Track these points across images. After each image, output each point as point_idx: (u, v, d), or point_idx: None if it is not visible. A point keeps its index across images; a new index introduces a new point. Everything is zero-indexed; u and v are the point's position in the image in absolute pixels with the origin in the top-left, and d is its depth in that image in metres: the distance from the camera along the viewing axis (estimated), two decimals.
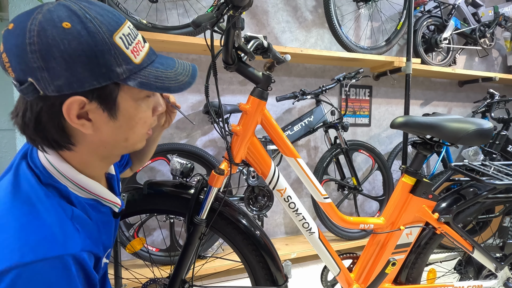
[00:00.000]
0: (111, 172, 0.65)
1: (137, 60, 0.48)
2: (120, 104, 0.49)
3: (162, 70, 0.51)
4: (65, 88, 0.43)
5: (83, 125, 0.47)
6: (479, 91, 2.83)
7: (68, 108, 0.44)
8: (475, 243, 1.04)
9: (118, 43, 0.45)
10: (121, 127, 0.51)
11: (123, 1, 1.61)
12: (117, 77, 0.46)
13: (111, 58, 0.44)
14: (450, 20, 2.36)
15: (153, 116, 0.58)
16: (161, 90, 0.50)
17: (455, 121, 0.93)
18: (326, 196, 0.92)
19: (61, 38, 0.41)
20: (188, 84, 0.53)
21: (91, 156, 0.52)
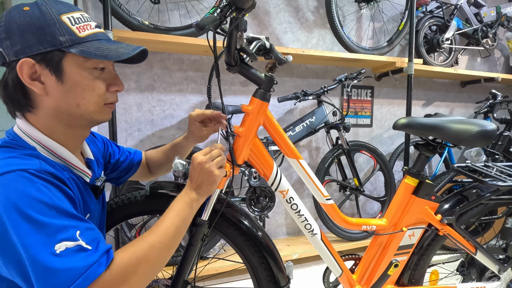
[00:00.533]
0: (90, 157, 0.73)
1: (81, 34, 0.58)
2: (65, 68, 0.57)
3: (105, 44, 0.60)
4: (20, 52, 0.55)
5: (35, 85, 0.56)
6: (481, 91, 2.82)
7: (20, 68, 0.55)
8: (478, 244, 1.03)
9: (64, 20, 0.57)
10: (69, 91, 0.58)
11: (125, 2, 1.62)
12: (60, 44, 0.56)
13: (55, 29, 0.55)
14: (452, 20, 2.36)
15: (109, 92, 0.64)
16: (99, 57, 0.57)
17: (458, 122, 0.93)
18: (329, 197, 0.92)
19: (19, 16, 0.55)
20: (126, 54, 0.60)
21: (53, 121, 0.60)
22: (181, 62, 1.82)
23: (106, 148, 0.86)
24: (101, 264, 0.50)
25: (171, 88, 1.81)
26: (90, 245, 0.51)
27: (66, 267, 0.47)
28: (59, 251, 0.47)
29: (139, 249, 0.57)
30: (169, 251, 0.62)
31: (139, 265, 0.55)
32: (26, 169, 0.51)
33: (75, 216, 0.52)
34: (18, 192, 0.48)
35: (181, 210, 0.66)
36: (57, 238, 0.48)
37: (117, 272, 0.52)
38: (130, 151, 0.93)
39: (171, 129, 1.83)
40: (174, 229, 0.63)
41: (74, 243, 0.49)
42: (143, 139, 1.78)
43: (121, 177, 0.92)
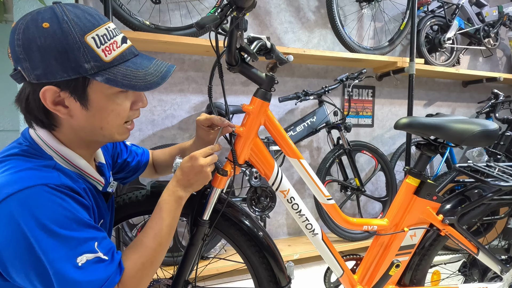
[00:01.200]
0: (101, 161, 0.73)
1: (107, 59, 0.54)
2: (90, 96, 0.55)
3: (132, 69, 0.56)
4: (42, 77, 0.52)
5: (59, 111, 0.55)
6: (483, 91, 2.81)
7: (44, 95, 0.52)
8: (480, 245, 1.03)
9: (89, 42, 0.52)
10: (94, 116, 0.57)
11: (126, 2, 1.62)
12: (85, 71, 0.52)
13: (80, 55, 0.51)
14: (453, 20, 2.35)
15: (132, 110, 0.63)
16: (126, 87, 0.55)
17: (460, 122, 0.93)
18: (330, 197, 0.91)
19: (39, 35, 0.50)
20: (156, 84, 0.58)
21: (74, 137, 0.60)
22: (182, 62, 1.82)
23: (114, 147, 0.86)
24: (117, 274, 0.54)
25: (172, 88, 1.81)
26: (107, 256, 0.54)
27: (88, 279, 0.50)
28: (81, 263, 0.50)
29: (143, 256, 0.60)
30: (165, 249, 0.65)
31: (145, 269, 0.59)
32: (47, 184, 0.51)
33: (92, 227, 0.54)
34: (41, 207, 0.49)
35: (172, 210, 0.67)
36: (78, 251, 0.50)
37: (129, 279, 0.56)
38: (137, 151, 0.93)
39: (172, 129, 1.83)
40: (168, 229, 0.65)
41: (94, 255, 0.52)
42: (144, 139, 1.78)
43: (128, 177, 0.92)
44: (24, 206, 0.48)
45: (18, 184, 0.49)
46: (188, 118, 1.86)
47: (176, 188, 0.68)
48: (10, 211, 0.48)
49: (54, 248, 0.48)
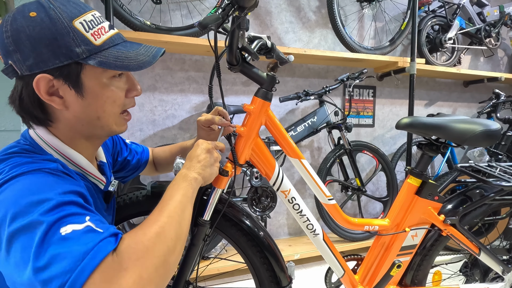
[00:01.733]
0: (103, 160, 0.71)
1: (97, 42, 0.53)
2: (84, 82, 0.54)
3: (123, 51, 0.56)
4: (34, 67, 0.50)
5: (54, 101, 0.53)
6: (484, 91, 2.80)
7: (37, 84, 0.51)
8: (482, 245, 1.02)
9: (78, 27, 0.52)
10: (90, 105, 0.56)
11: (127, 3, 1.62)
12: (76, 56, 0.51)
13: (70, 40, 0.51)
14: (455, 19, 2.34)
15: (127, 98, 0.62)
16: (120, 68, 0.54)
17: (461, 122, 0.92)
18: (331, 198, 0.91)
19: (27, 25, 0.49)
20: (148, 63, 0.57)
21: (72, 132, 0.58)
22: (183, 62, 1.82)
23: (114, 145, 0.86)
24: (110, 242, 0.44)
25: (173, 88, 1.81)
26: (101, 229, 0.46)
27: (69, 250, 0.42)
28: (65, 233, 0.42)
29: (146, 229, 0.49)
30: (177, 224, 0.53)
31: (149, 241, 0.47)
32: (41, 168, 0.49)
33: (85, 207, 0.49)
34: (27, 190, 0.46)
35: (180, 188, 0.58)
36: (65, 222, 0.43)
37: (127, 249, 0.45)
38: (137, 150, 0.93)
39: (173, 129, 1.83)
40: (178, 204, 0.55)
41: (83, 225, 0.44)
42: (145, 139, 1.78)
43: (128, 175, 0.92)
44: (11, 192, 0.45)
45: (13, 173, 0.48)
46: (189, 118, 1.86)
47: (183, 171, 0.63)
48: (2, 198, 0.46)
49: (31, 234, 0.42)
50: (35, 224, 0.42)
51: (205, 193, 0.81)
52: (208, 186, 0.82)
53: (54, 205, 0.44)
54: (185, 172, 0.63)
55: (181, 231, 0.53)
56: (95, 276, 0.41)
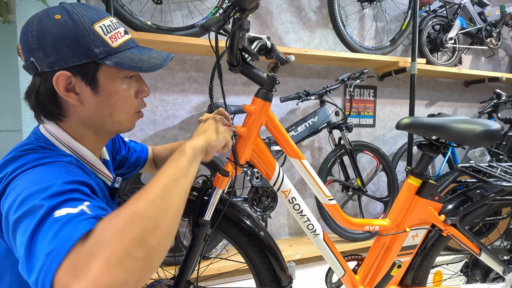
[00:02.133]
0: (106, 158, 0.74)
1: (114, 45, 0.58)
2: (100, 80, 0.58)
3: (137, 54, 0.61)
4: (55, 64, 0.54)
5: (70, 97, 0.57)
6: (485, 91, 2.80)
7: (57, 80, 0.55)
8: (482, 245, 1.02)
9: (97, 30, 0.57)
10: (103, 102, 0.59)
11: (128, 3, 1.62)
12: (95, 56, 0.56)
13: (90, 41, 0.55)
14: (455, 19, 2.34)
15: (137, 99, 0.65)
16: (133, 69, 0.58)
17: (462, 122, 0.92)
18: (331, 198, 0.91)
19: (52, 26, 0.54)
20: (159, 65, 0.61)
21: (82, 128, 0.61)
22: (184, 62, 1.82)
23: (114, 143, 0.87)
24: (88, 223, 0.41)
25: (174, 88, 1.82)
26: (92, 212, 0.43)
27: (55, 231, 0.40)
28: (58, 215, 0.41)
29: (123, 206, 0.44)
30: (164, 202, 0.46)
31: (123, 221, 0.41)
32: (56, 161, 0.52)
33: (88, 195, 0.48)
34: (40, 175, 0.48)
35: (175, 159, 0.55)
36: (62, 206, 0.42)
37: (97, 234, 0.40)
38: (136, 148, 0.94)
39: (174, 129, 1.83)
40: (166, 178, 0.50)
41: (78, 208, 0.42)
42: (146, 139, 1.79)
43: (127, 173, 0.93)
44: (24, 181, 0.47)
45: (28, 164, 0.50)
46: (189, 118, 1.86)
47: (186, 141, 0.62)
48: (11, 188, 0.47)
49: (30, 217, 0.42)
50: (36, 208, 0.42)
51: (205, 193, 0.82)
52: (208, 186, 0.83)
53: (57, 191, 0.44)
54: (182, 146, 0.60)
55: (165, 206, 0.46)
56: (64, 264, 0.37)
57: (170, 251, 1.69)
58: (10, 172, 0.50)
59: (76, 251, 0.38)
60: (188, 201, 0.81)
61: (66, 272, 0.37)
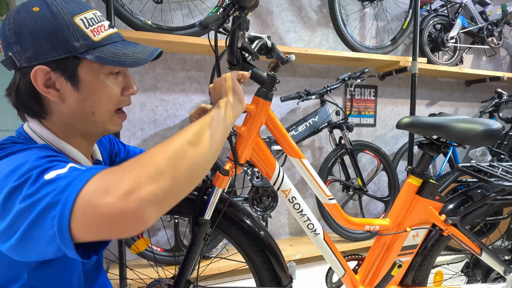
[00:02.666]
0: (98, 158, 0.71)
1: (95, 38, 0.55)
2: (81, 76, 0.55)
3: (121, 48, 0.57)
4: (33, 59, 0.52)
5: (50, 93, 0.54)
6: (486, 90, 2.79)
7: (35, 76, 0.52)
8: (483, 245, 1.02)
9: (78, 23, 0.54)
10: (85, 99, 0.56)
11: (128, 2, 1.62)
12: (75, 50, 0.53)
13: (69, 34, 0.52)
14: (456, 19, 2.33)
15: (122, 96, 0.62)
16: (116, 63, 0.55)
17: (462, 122, 0.92)
18: (331, 197, 0.91)
19: (29, 18, 0.51)
20: (144, 60, 0.57)
21: (68, 128, 0.58)
22: (184, 61, 1.82)
23: (112, 146, 0.86)
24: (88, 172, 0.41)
25: (174, 88, 1.82)
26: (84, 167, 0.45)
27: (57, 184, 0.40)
28: (49, 177, 0.41)
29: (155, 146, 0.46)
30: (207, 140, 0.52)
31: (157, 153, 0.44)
32: (31, 147, 0.50)
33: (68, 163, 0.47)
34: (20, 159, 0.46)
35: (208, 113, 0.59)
36: (47, 171, 0.42)
37: (128, 161, 0.43)
38: (135, 150, 0.93)
39: (174, 128, 1.83)
40: (204, 126, 0.55)
41: (65, 168, 0.43)
42: (146, 139, 1.79)
43: None
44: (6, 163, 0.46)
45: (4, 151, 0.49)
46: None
47: (223, 100, 0.65)
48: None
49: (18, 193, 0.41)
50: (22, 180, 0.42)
51: (205, 192, 0.81)
52: (208, 185, 0.83)
53: (38, 162, 0.44)
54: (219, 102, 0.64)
55: (197, 140, 0.50)
56: (89, 184, 0.39)
57: (170, 250, 1.69)
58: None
59: (100, 174, 0.40)
60: (188, 200, 0.81)
61: (92, 190, 0.38)
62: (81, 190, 0.38)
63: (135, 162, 0.43)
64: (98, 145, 0.76)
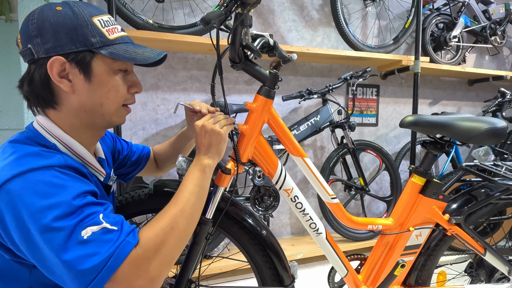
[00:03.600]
0: (101, 156, 0.74)
1: (110, 37, 0.61)
2: (94, 69, 0.59)
3: (132, 47, 0.63)
4: (51, 50, 0.56)
5: (63, 83, 0.58)
6: (489, 90, 2.77)
7: (51, 65, 0.56)
8: (487, 245, 1.01)
9: (95, 22, 0.59)
10: (96, 90, 0.61)
11: (129, 1, 1.62)
12: (91, 45, 0.58)
13: (87, 31, 0.58)
14: (459, 17, 2.32)
15: (129, 94, 0.66)
16: (127, 59, 0.60)
17: (467, 120, 0.91)
18: (334, 196, 0.90)
19: (52, 15, 0.56)
20: (153, 58, 0.63)
21: (74, 119, 0.62)
22: (185, 61, 1.82)
23: (114, 144, 0.88)
24: (129, 243, 0.52)
25: (176, 87, 1.81)
26: (115, 226, 0.53)
27: (94, 251, 0.49)
28: (86, 236, 0.49)
29: (162, 221, 0.59)
30: (192, 218, 0.64)
31: (166, 234, 0.57)
32: (51, 165, 0.52)
33: (96, 203, 0.54)
34: (41, 191, 0.49)
35: (195, 178, 0.67)
36: (82, 226, 0.50)
37: (147, 245, 0.54)
38: (138, 147, 0.95)
39: (176, 128, 1.83)
40: (193, 197, 0.65)
41: (99, 226, 0.51)
42: (148, 138, 1.78)
43: (129, 173, 0.93)
44: (24, 190, 0.49)
45: (22, 166, 0.50)
46: None
47: (197, 159, 0.70)
48: (11, 197, 0.48)
49: (54, 237, 0.48)
50: (57, 228, 0.48)
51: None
52: (210, 184, 0.82)
53: (71, 210, 0.50)
54: (195, 160, 0.71)
55: (192, 219, 0.64)
56: (124, 266, 0.50)
57: None
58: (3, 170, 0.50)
59: (131, 258, 0.52)
60: None
61: (126, 273, 0.51)
62: (118, 269, 0.50)
63: (156, 249, 0.55)
64: (101, 143, 0.77)
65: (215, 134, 0.70)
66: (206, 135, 0.70)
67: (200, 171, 0.68)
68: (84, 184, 0.55)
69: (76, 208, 0.50)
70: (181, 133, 0.93)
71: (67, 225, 0.48)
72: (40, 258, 0.49)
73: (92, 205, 0.53)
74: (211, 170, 0.70)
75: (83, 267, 0.48)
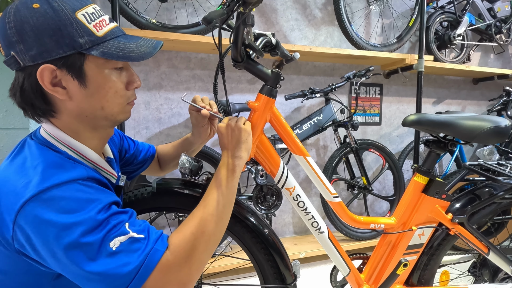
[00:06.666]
0: (110, 156, 0.72)
1: (99, 34, 0.54)
2: (87, 72, 0.55)
3: (125, 42, 0.57)
4: (38, 57, 0.51)
5: (57, 92, 0.54)
6: (494, 88, 2.75)
7: (41, 75, 0.51)
8: (491, 244, 1.00)
9: (80, 18, 0.53)
10: (93, 95, 0.56)
11: (133, 1, 1.63)
12: (80, 46, 0.52)
13: (73, 30, 0.51)
14: (464, 16, 2.30)
15: (129, 90, 0.62)
16: (122, 58, 0.55)
17: (470, 119, 0.91)
18: (336, 195, 0.90)
19: (31, 15, 0.50)
20: (149, 54, 0.58)
21: (77, 124, 0.59)
22: (188, 60, 1.82)
23: (121, 142, 0.87)
24: (158, 250, 0.52)
25: (179, 86, 1.82)
26: (142, 234, 0.52)
27: (125, 261, 0.49)
28: (115, 247, 0.49)
29: (192, 225, 0.58)
30: (222, 221, 0.62)
31: (196, 239, 0.56)
32: (75, 179, 0.51)
33: (120, 212, 0.54)
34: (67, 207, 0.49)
35: (225, 179, 0.65)
36: (109, 237, 0.50)
37: (177, 251, 0.54)
38: (144, 146, 0.95)
39: (179, 127, 1.84)
40: (223, 199, 0.63)
41: (126, 236, 0.51)
42: (151, 137, 1.79)
43: (135, 171, 0.93)
44: (49, 208, 0.48)
45: (45, 182, 0.49)
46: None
47: (224, 160, 0.68)
48: (36, 214, 0.48)
49: (83, 252, 0.48)
50: (86, 244, 0.48)
51: None
52: None
53: (97, 224, 0.49)
54: (223, 160, 0.68)
55: (222, 223, 0.62)
56: (155, 274, 0.50)
57: None
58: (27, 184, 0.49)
59: (162, 265, 0.52)
60: (192, 197, 0.81)
61: (158, 279, 0.51)
62: (149, 277, 0.50)
63: (186, 255, 0.55)
64: (108, 142, 0.76)
65: (242, 131, 0.68)
66: (233, 133, 0.68)
67: (230, 171, 0.66)
68: (108, 195, 0.54)
69: (102, 221, 0.50)
70: (186, 138, 0.92)
71: (95, 239, 0.48)
72: (72, 273, 0.49)
73: (116, 215, 0.52)
74: (240, 169, 0.68)
75: (115, 278, 0.48)
